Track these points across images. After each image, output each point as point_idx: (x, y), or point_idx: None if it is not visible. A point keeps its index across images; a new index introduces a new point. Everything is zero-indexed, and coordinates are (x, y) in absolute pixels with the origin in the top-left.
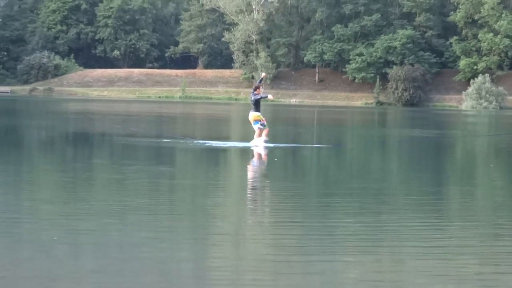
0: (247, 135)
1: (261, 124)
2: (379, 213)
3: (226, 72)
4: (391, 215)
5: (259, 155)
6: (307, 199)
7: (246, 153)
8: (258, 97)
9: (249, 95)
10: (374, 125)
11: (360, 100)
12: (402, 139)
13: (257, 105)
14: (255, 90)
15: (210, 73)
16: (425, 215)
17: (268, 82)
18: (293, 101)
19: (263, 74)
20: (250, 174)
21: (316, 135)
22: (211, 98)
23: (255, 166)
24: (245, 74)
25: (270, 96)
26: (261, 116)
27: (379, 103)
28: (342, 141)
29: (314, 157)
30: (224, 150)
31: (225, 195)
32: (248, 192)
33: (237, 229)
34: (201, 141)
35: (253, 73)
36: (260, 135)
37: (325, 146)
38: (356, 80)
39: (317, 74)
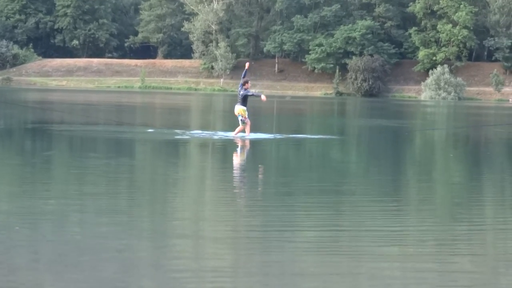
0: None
1: (240, 120)
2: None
3: (186, 62)
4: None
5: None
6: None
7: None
8: (248, 93)
9: (237, 88)
10: (333, 115)
11: (320, 90)
12: (361, 130)
13: (244, 100)
14: (243, 84)
15: (170, 63)
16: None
17: (228, 73)
18: (253, 91)
19: (247, 65)
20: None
21: (276, 125)
22: (170, 88)
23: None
24: (204, 64)
25: (263, 97)
26: (246, 112)
27: (339, 93)
28: (301, 131)
29: (273, 149)
30: (202, 142)
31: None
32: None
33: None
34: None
35: (213, 63)
36: (240, 130)
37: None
38: (316, 71)
39: (276, 65)
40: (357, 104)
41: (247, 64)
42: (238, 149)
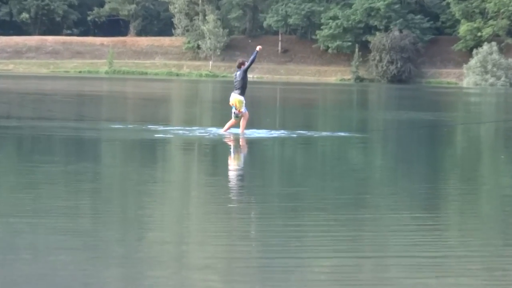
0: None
1: (233, 112)
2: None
3: (165, 41)
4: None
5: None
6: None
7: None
8: (247, 65)
9: (234, 74)
10: (352, 106)
11: (335, 75)
12: (388, 126)
13: (243, 84)
14: (239, 67)
15: (145, 41)
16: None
17: (218, 53)
18: (250, 76)
19: (258, 47)
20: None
21: (280, 120)
22: (146, 73)
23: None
24: (188, 42)
25: (258, 47)
26: (242, 104)
27: (359, 79)
28: (310, 128)
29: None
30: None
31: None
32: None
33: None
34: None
35: (199, 42)
36: (232, 125)
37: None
38: (330, 51)
39: (280, 43)
40: (382, 93)
41: (258, 47)
42: (231, 151)
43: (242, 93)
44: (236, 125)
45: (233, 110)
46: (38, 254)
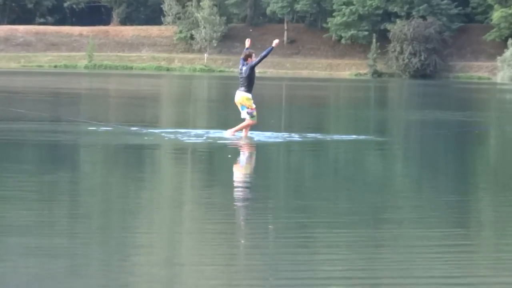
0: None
1: (247, 113)
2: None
3: (153, 30)
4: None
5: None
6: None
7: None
8: (255, 61)
9: (239, 67)
10: (369, 105)
11: (349, 69)
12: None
13: (250, 81)
14: (246, 59)
15: (130, 31)
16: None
17: (215, 45)
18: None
19: (247, 42)
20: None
21: (287, 122)
22: (131, 68)
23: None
24: (180, 32)
25: (275, 42)
26: (251, 101)
27: (377, 73)
28: (321, 130)
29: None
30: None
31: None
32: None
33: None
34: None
35: (193, 31)
36: (249, 125)
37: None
38: (343, 41)
39: (286, 33)
40: (404, 90)
41: (275, 42)
42: (231, 158)
43: (249, 90)
44: (250, 127)
45: (246, 110)
46: (5, 279)
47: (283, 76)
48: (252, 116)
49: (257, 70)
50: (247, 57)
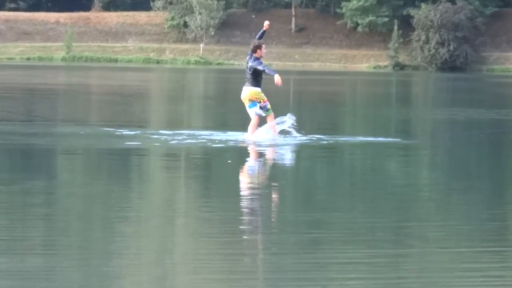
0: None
1: (260, 108)
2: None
3: (141, 17)
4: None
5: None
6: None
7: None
8: (259, 66)
9: (246, 60)
10: (390, 102)
11: (367, 61)
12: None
13: (255, 75)
14: (254, 51)
15: (114, 18)
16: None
17: (212, 34)
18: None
19: (266, 24)
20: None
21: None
22: (115, 60)
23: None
24: (172, 19)
25: (277, 79)
26: (262, 94)
27: (399, 66)
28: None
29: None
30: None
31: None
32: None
33: None
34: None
35: (186, 18)
36: (256, 125)
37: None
38: (360, 29)
39: (293, 19)
40: (430, 84)
41: (266, 24)
42: (232, 165)
43: (256, 84)
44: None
45: (257, 106)
46: None
47: (291, 69)
48: (267, 110)
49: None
50: (256, 48)
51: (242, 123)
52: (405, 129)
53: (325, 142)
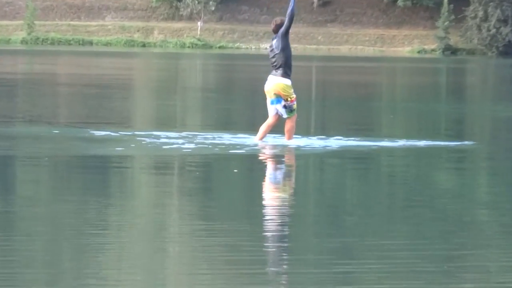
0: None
1: (285, 106)
2: None
3: None
4: None
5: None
6: None
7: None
8: (285, 28)
9: (269, 46)
10: (440, 95)
11: (409, 44)
12: None
13: (286, 58)
14: (276, 31)
15: None
16: None
17: (212, 9)
18: (266, 46)
19: None
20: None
21: (319, 121)
22: (90, 43)
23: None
24: None
25: None
26: (292, 90)
27: (450, 50)
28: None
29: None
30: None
31: None
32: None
33: None
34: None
35: None
36: (271, 126)
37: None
38: (400, 3)
39: None
40: (490, 73)
41: None
42: (259, 175)
43: (287, 73)
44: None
45: (281, 104)
46: None
47: (313, 54)
48: (291, 111)
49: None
50: (279, 27)
51: (251, 123)
52: (458, 130)
53: (357, 147)
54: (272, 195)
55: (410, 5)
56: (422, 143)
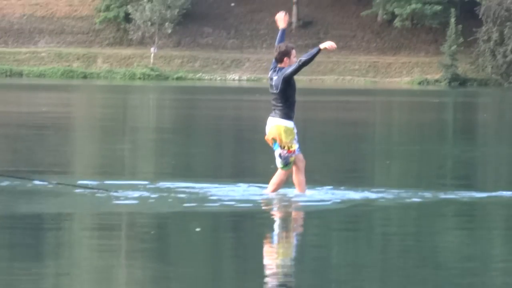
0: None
1: (280, 156)
2: None
3: (59, 6)
4: None
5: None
6: None
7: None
8: (290, 69)
9: (268, 76)
10: (446, 136)
11: (408, 74)
12: None
13: (286, 99)
14: (280, 60)
15: (18, 8)
16: None
17: (169, 31)
18: (233, 77)
19: (282, 17)
20: None
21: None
22: (20, 74)
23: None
24: (107, 9)
25: (329, 44)
26: (291, 137)
27: (458, 80)
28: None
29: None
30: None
31: None
32: None
33: None
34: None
35: (129, 7)
36: (282, 181)
37: None
38: (397, 23)
39: (295, 8)
40: (508, 108)
41: (282, 17)
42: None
43: (288, 114)
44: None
45: (277, 151)
46: None
47: (308, 86)
48: (286, 164)
49: (244, 75)
50: (283, 56)
51: (216, 169)
52: (469, 177)
53: (346, 202)
54: (274, 264)
55: (409, 26)
56: (425, 194)
